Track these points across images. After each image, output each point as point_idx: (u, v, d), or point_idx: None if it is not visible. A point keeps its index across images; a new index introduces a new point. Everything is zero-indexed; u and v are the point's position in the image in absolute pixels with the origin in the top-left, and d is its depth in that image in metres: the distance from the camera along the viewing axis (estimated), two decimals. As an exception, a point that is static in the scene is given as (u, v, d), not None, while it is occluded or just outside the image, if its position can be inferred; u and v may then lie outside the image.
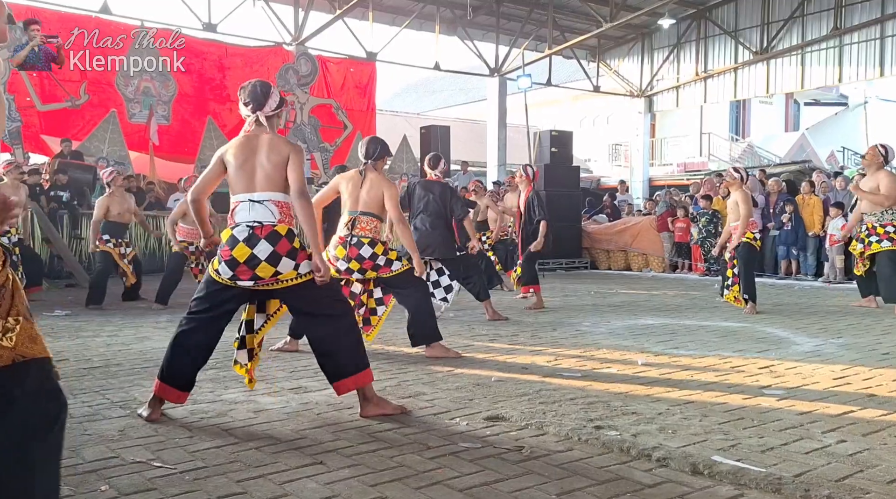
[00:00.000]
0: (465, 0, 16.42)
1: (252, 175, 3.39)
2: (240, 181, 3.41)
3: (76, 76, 13.31)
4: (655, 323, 6.81)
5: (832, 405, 3.69)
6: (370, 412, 3.46)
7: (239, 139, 3.50)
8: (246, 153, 3.42)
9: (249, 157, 3.41)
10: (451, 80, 31.45)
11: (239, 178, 3.41)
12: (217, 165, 3.51)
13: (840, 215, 10.70)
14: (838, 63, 17.55)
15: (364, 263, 4.85)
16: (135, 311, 7.73)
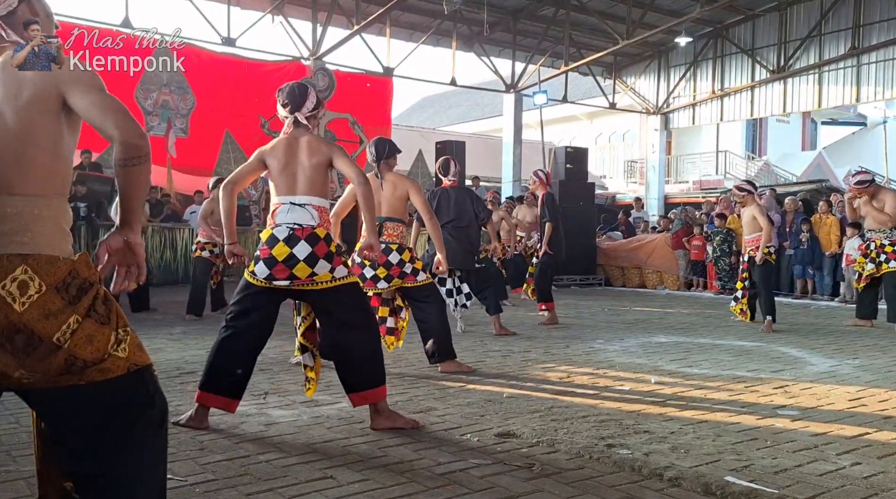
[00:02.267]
0: (482, 17, 16.50)
1: (294, 178, 3.47)
2: (282, 183, 3.49)
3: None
4: (669, 341, 6.77)
5: (847, 427, 3.65)
6: (381, 425, 3.47)
7: (280, 141, 3.57)
8: (288, 155, 3.50)
9: (291, 159, 3.49)
10: (467, 96, 31.57)
11: (281, 180, 3.49)
12: (257, 162, 3.59)
13: (857, 235, 10.60)
14: (856, 83, 17.47)
15: (392, 270, 4.82)
16: (149, 322, 7.78)
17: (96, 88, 1.80)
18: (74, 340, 1.68)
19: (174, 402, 4.00)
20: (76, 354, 1.68)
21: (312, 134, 3.58)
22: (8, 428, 3.45)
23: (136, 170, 1.79)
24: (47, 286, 1.67)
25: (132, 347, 1.79)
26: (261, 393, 4.25)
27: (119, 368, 1.75)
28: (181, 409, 3.76)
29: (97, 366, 1.71)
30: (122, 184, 1.80)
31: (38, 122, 1.75)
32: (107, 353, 1.73)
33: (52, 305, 1.67)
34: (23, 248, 1.68)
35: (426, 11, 16.87)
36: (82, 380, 1.70)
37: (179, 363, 5.27)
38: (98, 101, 1.79)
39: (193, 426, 3.43)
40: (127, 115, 1.80)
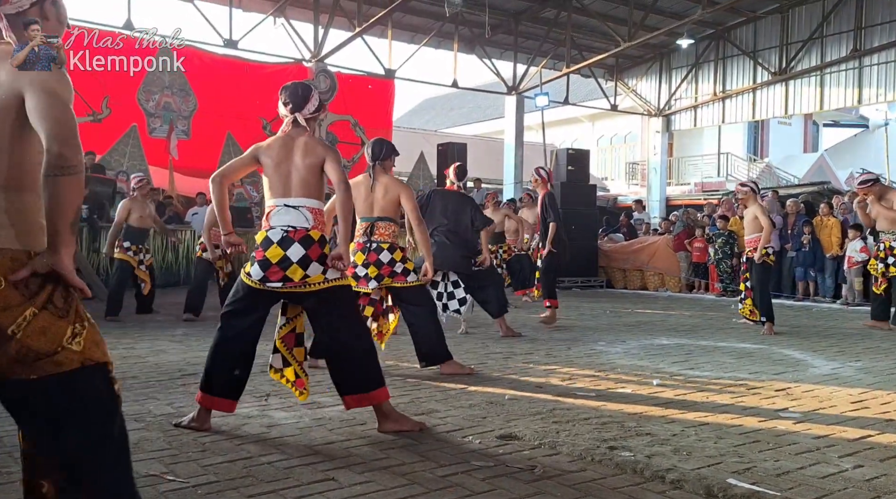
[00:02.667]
0: (484, 19, 16.51)
1: (288, 179, 3.46)
2: (276, 184, 3.48)
3: (97, 88, 13.51)
4: (671, 343, 6.76)
5: (849, 429, 3.64)
6: (388, 428, 3.46)
7: (276, 139, 3.56)
8: (282, 154, 3.48)
9: (285, 158, 3.48)
10: (468, 98, 31.57)
11: (275, 180, 3.48)
12: (250, 157, 3.57)
13: (858, 237, 10.60)
14: (858, 85, 17.46)
15: (382, 269, 4.83)
16: (151, 324, 7.79)
17: (47, 93, 1.76)
18: (27, 332, 1.71)
19: (176, 403, 4.01)
20: (28, 345, 1.70)
21: (310, 135, 3.57)
22: (10, 429, 3.44)
23: (60, 182, 1.73)
24: (6, 282, 1.70)
25: (87, 343, 1.80)
26: (263, 395, 4.25)
27: (72, 362, 1.76)
28: (184, 410, 3.77)
29: (50, 358, 1.73)
30: (47, 197, 1.75)
31: (4, 120, 1.76)
32: (60, 346, 1.75)
33: (11, 300, 1.70)
34: None
35: (428, 13, 16.88)
36: (34, 372, 1.72)
37: (182, 365, 5.27)
38: (41, 106, 1.75)
39: (195, 428, 3.44)
40: (63, 125, 1.76)
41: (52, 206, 1.75)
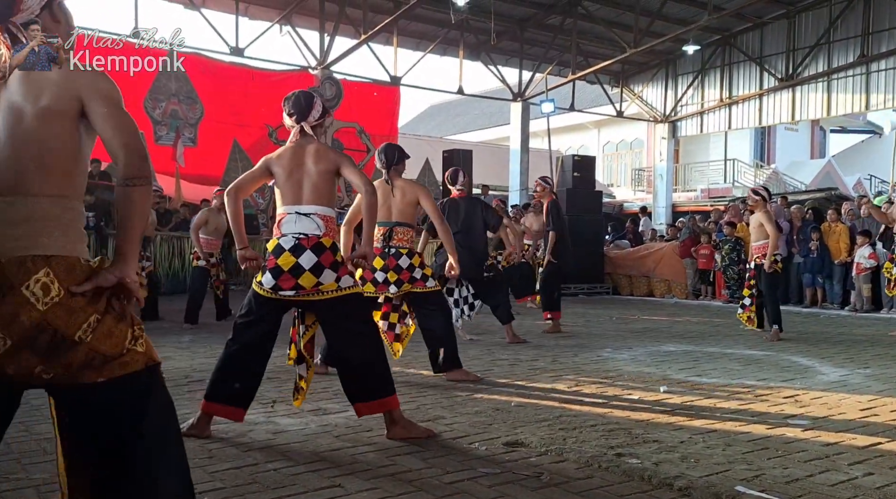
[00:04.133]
0: (489, 26, 16.55)
1: (299, 187, 3.46)
2: (288, 192, 3.48)
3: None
4: (678, 350, 6.73)
5: (859, 437, 3.62)
6: (398, 435, 3.45)
7: (286, 149, 3.56)
8: (293, 163, 3.49)
9: (297, 167, 3.48)
10: (474, 105, 31.62)
11: (287, 188, 3.48)
12: (262, 169, 3.57)
13: (867, 244, 10.56)
14: (865, 90, 17.43)
15: (402, 274, 4.82)
16: (157, 331, 7.79)
17: (112, 102, 1.81)
18: (95, 336, 1.72)
19: (182, 410, 3.98)
20: (96, 348, 1.72)
21: (319, 142, 3.58)
22: (17, 436, 3.45)
23: (136, 191, 1.78)
24: (65, 291, 1.71)
25: (148, 345, 1.84)
26: (269, 401, 4.25)
27: (137, 363, 1.79)
28: (190, 417, 3.76)
29: (117, 360, 1.75)
30: (121, 205, 1.79)
31: (56, 127, 1.77)
32: (125, 347, 1.77)
33: (74, 304, 1.71)
34: (46, 249, 1.71)
35: (433, 21, 16.93)
36: (102, 375, 1.73)
37: (188, 371, 5.27)
38: (111, 116, 1.79)
39: (195, 435, 3.42)
40: (135, 136, 1.81)
41: (128, 215, 1.79)
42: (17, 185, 1.74)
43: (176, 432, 1.90)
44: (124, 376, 1.76)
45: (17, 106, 1.76)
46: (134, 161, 1.78)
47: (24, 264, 1.68)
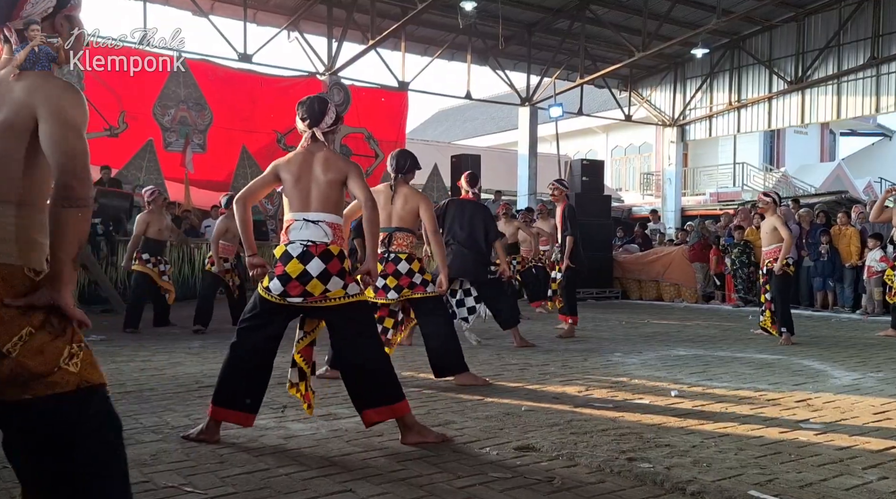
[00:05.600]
0: (497, 30, 16.57)
1: (307, 193, 3.47)
2: (296, 199, 3.48)
3: (113, 103, 13.64)
4: (688, 354, 6.71)
5: (873, 440, 3.59)
6: (411, 440, 3.45)
7: (296, 155, 3.57)
8: (302, 169, 3.49)
9: (304, 173, 3.48)
10: (482, 110, 31.64)
11: (295, 195, 3.48)
12: (271, 175, 3.57)
13: (878, 247, 10.49)
14: (875, 93, 17.33)
15: (401, 280, 4.82)
16: (168, 336, 7.82)
17: (61, 121, 1.75)
18: (23, 351, 1.67)
19: (194, 415, 4.01)
20: (23, 364, 1.66)
21: (329, 149, 3.59)
22: None
23: (66, 213, 1.71)
24: (0, 300, 1.67)
25: (85, 364, 1.76)
26: (279, 406, 4.25)
27: (68, 384, 1.72)
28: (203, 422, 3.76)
29: (44, 379, 1.69)
30: (54, 227, 1.72)
31: (11, 139, 1.76)
32: (56, 366, 1.70)
33: (5, 317, 1.67)
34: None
35: (441, 26, 16.95)
36: (27, 393, 1.67)
37: (199, 377, 5.29)
38: (55, 136, 1.74)
39: (204, 440, 3.42)
40: (72, 158, 1.74)
41: (57, 237, 1.72)
42: None
43: (117, 463, 1.80)
44: (50, 396, 1.69)
45: None
46: (66, 182, 1.72)
47: None
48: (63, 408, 1.71)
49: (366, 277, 3.53)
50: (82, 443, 1.73)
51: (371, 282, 3.58)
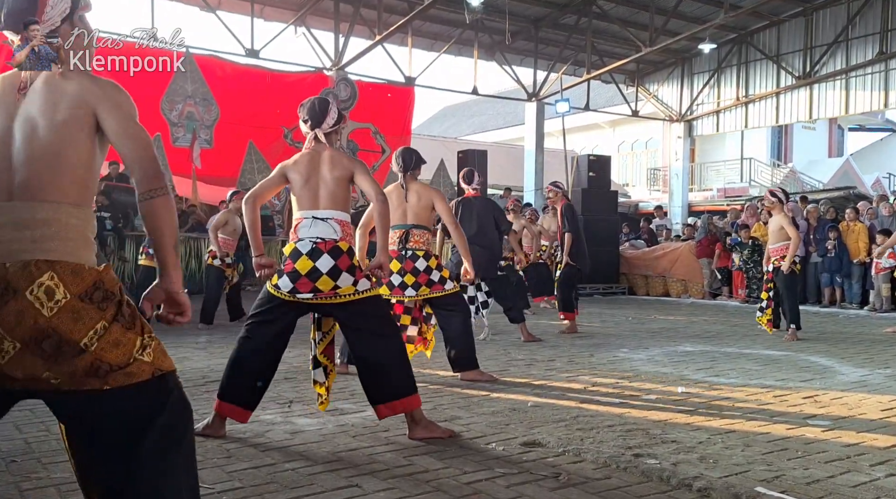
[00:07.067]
0: (504, 26, 16.53)
1: (316, 192, 3.50)
2: (304, 198, 3.51)
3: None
4: (695, 350, 6.69)
5: (881, 437, 3.58)
6: (419, 435, 3.46)
7: (302, 155, 3.60)
8: (309, 169, 3.52)
9: (312, 173, 3.51)
10: (488, 105, 31.59)
11: (304, 194, 3.51)
12: (278, 176, 3.61)
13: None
14: (884, 88, 17.23)
15: (419, 277, 4.82)
16: (175, 331, 7.83)
17: (126, 115, 1.84)
18: (101, 345, 1.71)
19: (200, 410, 4.01)
20: (102, 357, 1.71)
21: (334, 148, 3.61)
22: (38, 435, 3.48)
23: (158, 202, 1.82)
24: (71, 295, 1.71)
25: (157, 353, 1.81)
26: (286, 402, 4.26)
27: (144, 373, 1.77)
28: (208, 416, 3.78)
29: (122, 370, 1.74)
30: (149, 219, 1.82)
31: (71, 137, 1.80)
32: (132, 357, 1.76)
33: (80, 312, 1.71)
34: (50, 254, 1.72)
35: (448, 21, 16.93)
36: (107, 383, 1.72)
37: (205, 372, 5.30)
38: (125, 130, 1.83)
39: (209, 434, 3.43)
40: (149, 149, 1.85)
41: (157, 228, 1.83)
42: (28, 191, 1.76)
43: (188, 446, 1.85)
44: (130, 386, 1.74)
45: (35, 118, 1.79)
46: (150, 173, 1.82)
47: (28, 268, 1.69)
48: (142, 395, 1.77)
49: (378, 271, 3.53)
50: (159, 427, 1.77)
51: (383, 276, 3.59)
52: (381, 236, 3.57)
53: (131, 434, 1.75)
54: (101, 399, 1.73)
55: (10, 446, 3.31)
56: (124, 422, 1.75)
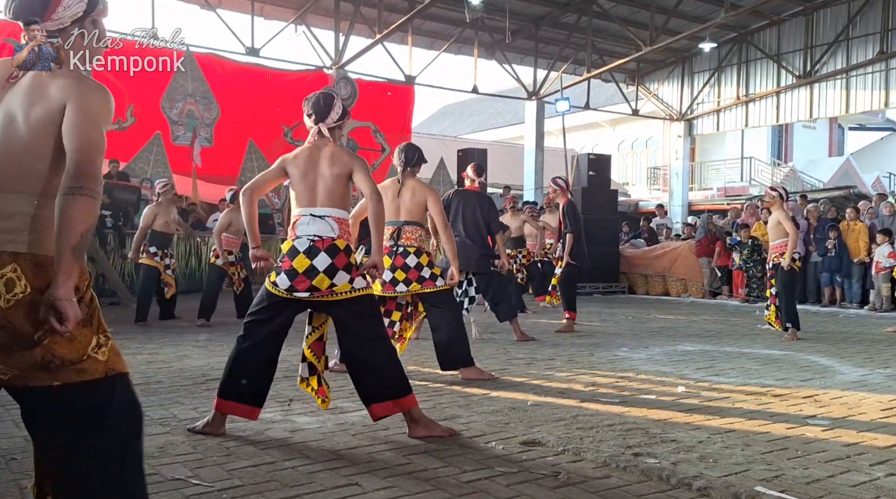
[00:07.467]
0: (504, 24, 16.53)
1: (314, 188, 3.49)
2: (302, 194, 3.51)
3: (121, 97, 13.68)
4: (695, 349, 6.69)
5: (880, 437, 3.58)
6: (418, 434, 3.46)
7: (303, 150, 3.59)
8: (308, 165, 3.51)
9: (311, 168, 3.51)
10: (488, 104, 31.59)
11: (301, 190, 3.51)
12: (278, 169, 3.61)
13: (887, 242, 10.44)
14: (884, 87, 17.23)
15: (410, 274, 4.82)
16: (175, 329, 7.84)
17: (84, 111, 1.78)
18: (54, 338, 1.71)
19: (201, 408, 4.02)
20: (54, 351, 1.71)
21: (336, 145, 3.60)
22: (8, 433, 3.48)
23: (73, 201, 1.70)
24: (32, 288, 1.71)
25: (111, 353, 1.81)
26: (285, 400, 4.26)
27: (97, 371, 1.76)
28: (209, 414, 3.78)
29: (75, 366, 1.73)
30: (60, 214, 1.70)
31: (44, 134, 1.79)
32: (86, 354, 1.75)
33: (37, 304, 1.70)
34: (16, 246, 1.72)
35: (448, 20, 16.93)
36: (58, 379, 1.72)
37: (205, 370, 5.30)
38: (75, 123, 1.77)
39: (209, 432, 3.44)
40: (89, 146, 1.76)
41: (62, 223, 1.69)
42: (0, 182, 1.76)
43: (136, 452, 1.85)
44: (80, 384, 1.74)
45: (14, 112, 1.80)
46: (81, 171, 1.73)
47: None
48: (92, 394, 1.76)
49: (372, 270, 3.54)
50: (107, 428, 1.77)
51: (378, 276, 3.59)
52: (376, 237, 3.56)
53: (80, 432, 1.74)
54: (51, 395, 1.72)
55: (9, 443, 3.31)
56: (74, 420, 1.75)
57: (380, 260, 3.55)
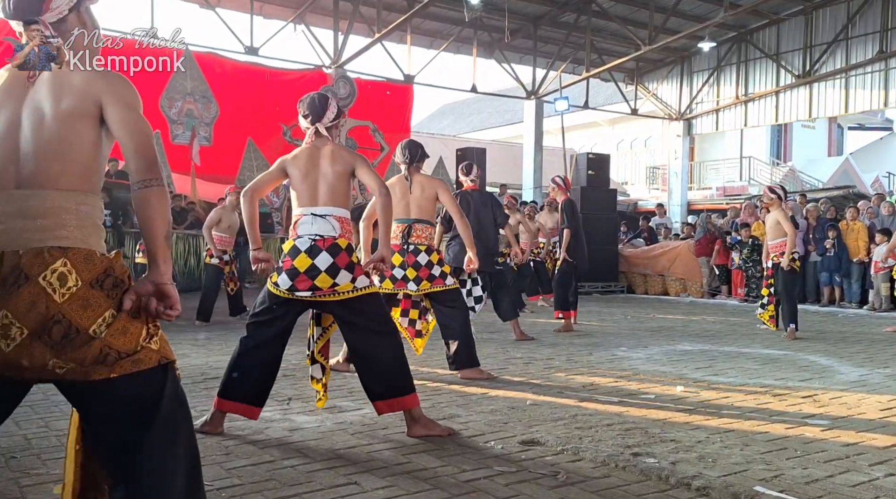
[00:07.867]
0: (503, 23, 16.52)
1: (315, 188, 3.49)
2: (304, 194, 3.50)
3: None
4: (694, 349, 6.69)
5: (880, 437, 3.58)
6: (417, 433, 3.46)
7: (302, 150, 3.59)
8: (309, 165, 3.51)
9: (312, 168, 3.50)
10: (487, 103, 31.57)
11: (303, 189, 3.51)
12: (278, 170, 3.61)
13: (886, 242, 10.44)
14: (884, 87, 17.23)
15: (420, 271, 4.82)
16: (173, 328, 7.83)
17: (129, 107, 1.86)
18: (110, 332, 1.74)
19: (199, 406, 4.01)
20: (111, 344, 1.74)
21: (334, 143, 3.60)
22: (38, 432, 3.48)
23: (153, 192, 1.81)
24: (83, 281, 1.73)
25: (163, 342, 1.85)
26: (284, 399, 4.26)
27: (151, 361, 1.80)
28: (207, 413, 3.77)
29: (130, 357, 1.76)
30: (141, 208, 1.81)
31: (76, 128, 1.82)
32: (139, 345, 1.78)
33: (90, 300, 1.73)
34: (62, 241, 1.75)
35: (447, 19, 16.92)
36: (114, 371, 1.74)
37: (204, 369, 5.30)
38: (128, 121, 1.84)
39: (208, 431, 3.43)
40: (148, 141, 1.86)
41: (148, 218, 1.81)
42: (37, 179, 1.79)
43: (188, 431, 1.89)
44: (137, 373, 1.77)
45: (42, 107, 1.82)
46: (147, 164, 1.82)
47: (42, 255, 1.72)
48: (149, 383, 1.79)
49: (380, 264, 3.53)
50: (163, 413, 1.80)
51: (385, 269, 3.58)
52: (384, 230, 3.56)
53: (137, 421, 1.77)
54: (108, 386, 1.75)
55: (9, 442, 3.31)
56: (131, 409, 1.78)
57: (387, 253, 3.56)
